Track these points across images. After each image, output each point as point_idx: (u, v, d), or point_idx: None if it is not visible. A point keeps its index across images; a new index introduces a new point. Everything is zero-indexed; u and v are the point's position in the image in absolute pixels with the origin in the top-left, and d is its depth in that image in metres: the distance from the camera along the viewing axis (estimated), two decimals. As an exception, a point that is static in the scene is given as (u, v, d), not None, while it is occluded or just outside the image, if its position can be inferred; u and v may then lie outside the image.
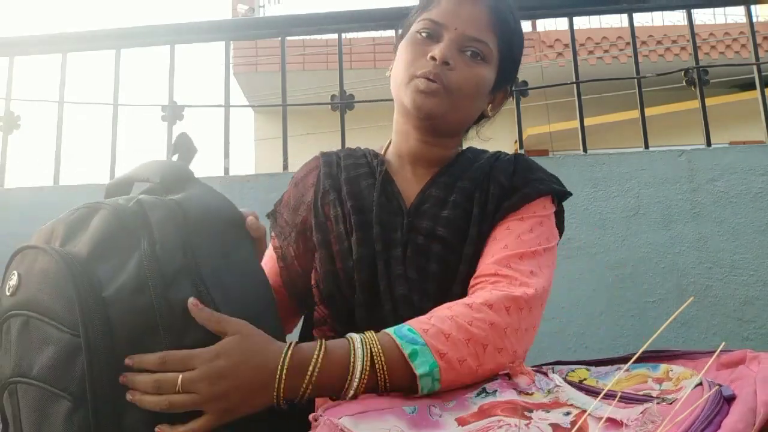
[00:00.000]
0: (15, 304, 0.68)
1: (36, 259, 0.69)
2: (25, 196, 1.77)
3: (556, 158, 1.74)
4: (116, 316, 0.62)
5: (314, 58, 6.50)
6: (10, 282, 0.70)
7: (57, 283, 0.64)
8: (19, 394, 0.65)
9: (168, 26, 1.96)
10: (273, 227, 0.99)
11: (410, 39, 0.91)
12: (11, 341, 0.68)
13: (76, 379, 0.61)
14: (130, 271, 0.64)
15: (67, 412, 0.61)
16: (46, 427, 0.62)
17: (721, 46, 6.57)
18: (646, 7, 2.00)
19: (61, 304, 0.63)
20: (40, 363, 0.63)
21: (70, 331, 0.62)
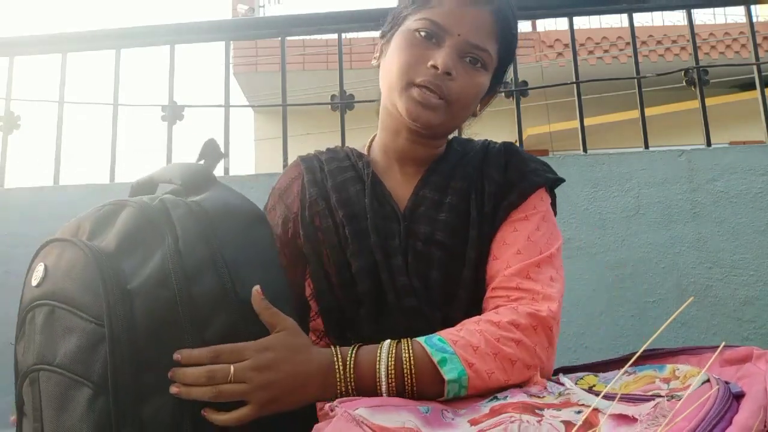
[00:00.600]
0: (41, 295, 0.70)
1: (63, 251, 0.70)
2: (25, 196, 1.77)
3: (556, 158, 1.74)
4: (139, 308, 0.64)
5: (314, 58, 6.51)
6: (36, 273, 0.72)
7: (84, 274, 0.66)
8: (41, 381, 0.67)
9: (168, 26, 1.96)
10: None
11: (407, 37, 0.85)
12: (35, 330, 0.69)
13: (98, 368, 0.62)
14: (154, 266, 0.66)
15: (89, 399, 0.62)
16: (67, 414, 0.63)
17: (721, 46, 6.58)
18: (646, 7, 2.00)
19: (87, 295, 0.65)
20: (63, 351, 0.65)
21: (94, 320, 0.64)
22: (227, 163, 1.84)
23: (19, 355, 0.73)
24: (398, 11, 0.90)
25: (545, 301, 0.79)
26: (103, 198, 1.81)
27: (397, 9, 0.91)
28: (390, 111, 0.90)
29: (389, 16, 0.93)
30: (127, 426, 0.61)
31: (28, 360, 0.70)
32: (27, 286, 0.75)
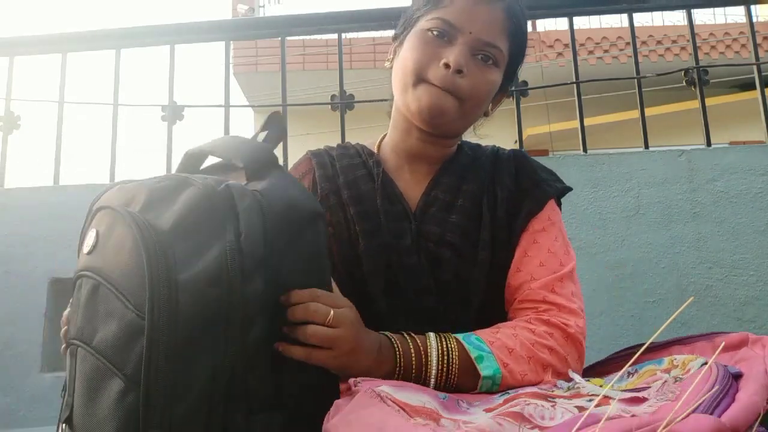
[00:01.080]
0: (89, 265, 0.66)
1: (115, 223, 0.66)
2: (25, 196, 1.78)
3: (556, 158, 1.74)
4: (185, 304, 0.59)
5: (314, 58, 6.51)
6: (88, 240, 0.68)
7: (132, 258, 0.61)
8: (78, 357, 0.65)
9: (168, 26, 1.97)
10: None
11: (419, 36, 0.85)
12: (80, 302, 0.66)
13: (133, 361, 0.59)
14: (210, 260, 0.61)
15: (120, 392, 0.59)
16: (96, 403, 0.61)
17: (721, 46, 6.58)
18: (646, 7, 2.00)
19: (133, 280, 0.61)
20: (102, 334, 0.62)
21: (136, 311, 0.60)
22: (227, 163, 1.84)
23: (70, 316, 0.70)
24: (411, 13, 0.91)
25: (571, 315, 0.82)
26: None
27: (409, 11, 0.92)
28: (402, 111, 0.90)
29: (401, 18, 0.94)
30: (154, 427, 0.58)
31: (71, 329, 0.67)
32: (80, 251, 0.70)
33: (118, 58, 1.92)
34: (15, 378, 1.62)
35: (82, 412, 0.62)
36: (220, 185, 0.65)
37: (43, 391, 1.60)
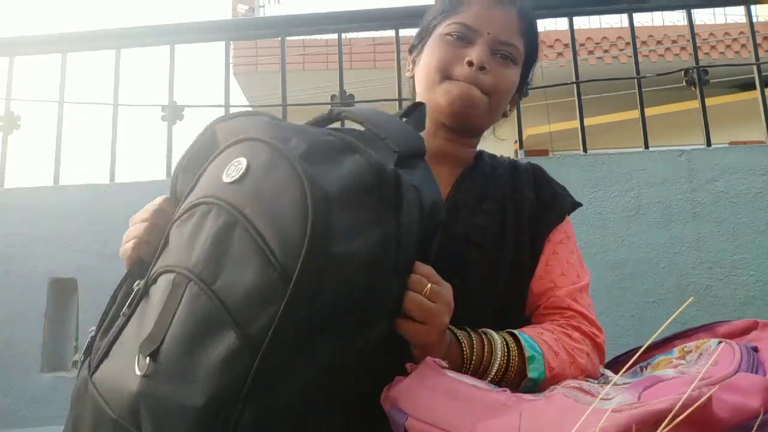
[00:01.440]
0: (228, 198, 0.58)
1: (275, 162, 0.58)
2: (25, 196, 1.78)
3: (556, 158, 1.74)
4: (332, 280, 0.54)
5: (314, 58, 6.50)
6: (233, 167, 0.59)
7: (293, 212, 0.54)
8: (187, 292, 0.56)
9: (168, 26, 1.97)
10: None
11: (440, 41, 0.90)
12: (203, 231, 0.58)
13: (260, 325, 0.52)
14: (369, 243, 0.56)
15: (233, 350, 0.52)
16: (198, 349, 0.53)
17: (721, 46, 6.57)
18: (646, 7, 2.00)
19: (286, 237, 0.54)
20: (228, 280, 0.55)
21: (280, 271, 0.53)
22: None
23: (174, 237, 0.62)
24: (426, 23, 0.95)
25: (593, 326, 0.85)
26: (103, 198, 1.82)
27: (425, 22, 0.96)
28: (428, 111, 0.92)
29: (417, 30, 0.98)
30: (256, 402, 0.52)
31: (180, 256, 0.59)
32: (212, 178, 0.61)
33: (118, 58, 1.92)
34: (15, 378, 1.62)
35: (177, 354, 0.54)
36: (387, 166, 0.60)
37: (43, 391, 1.60)
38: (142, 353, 0.56)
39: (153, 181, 1.77)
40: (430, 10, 0.95)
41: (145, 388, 0.54)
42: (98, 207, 1.73)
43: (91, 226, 1.71)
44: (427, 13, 0.96)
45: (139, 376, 0.55)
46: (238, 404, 0.52)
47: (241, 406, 0.52)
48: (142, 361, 0.55)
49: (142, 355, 0.56)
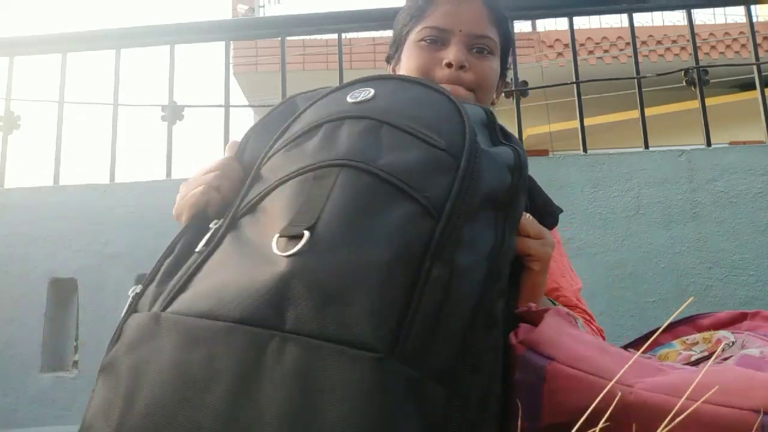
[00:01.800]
0: (360, 110, 0.61)
1: (402, 86, 0.65)
2: (25, 196, 1.78)
3: (556, 158, 1.74)
4: (486, 168, 0.58)
5: (314, 58, 6.50)
6: (355, 93, 0.64)
7: (437, 105, 0.61)
8: (340, 176, 0.55)
9: (168, 26, 1.97)
10: None
11: (415, 48, 0.90)
12: (338, 137, 0.59)
13: (437, 191, 0.55)
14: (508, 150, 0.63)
15: (412, 213, 0.53)
16: (368, 219, 0.53)
17: (721, 46, 6.57)
18: (646, 7, 2.00)
19: (437, 123, 0.59)
20: (390, 160, 0.56)
21: (443, 148, 0.57)
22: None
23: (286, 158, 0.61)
24: (398, 32, 0.95)
25: (595, 324, 0.89)
26: (103, 198, 1.82)
27: (396, 31, 0.96)
28: None
29: (391, 40, 0.98)
30: (442, 260, 0.52)
31: (306, 159, 0.58)
32: (329, 105, 0.65)
33: (118, 58, 1.92)
34: (15, 378, 1.62)
35: (342, 225, 0.52)
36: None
37: (43, 391, 1.60)
38: (286, 234, 0.52)
39: (153, 181, 1.77)
40: (399, 18, 0.95)
41: (300, 264, 0.49)
42: (98, 207, 1.73)
43: (91, 226, 1.71)
44: (396, 21, 0.96)
45: (284, 256, 0.50)
46: (425, 262, 0.51)
47: (428, 263, 0.51)
48: (284, 244, 0.51)
49: (284, 237, 0.52)
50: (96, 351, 1.63)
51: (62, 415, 1.58)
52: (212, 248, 0.59)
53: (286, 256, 0.50)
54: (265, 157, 0.64)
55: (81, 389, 1.60)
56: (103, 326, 1.65)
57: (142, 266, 1.68)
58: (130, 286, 0.63)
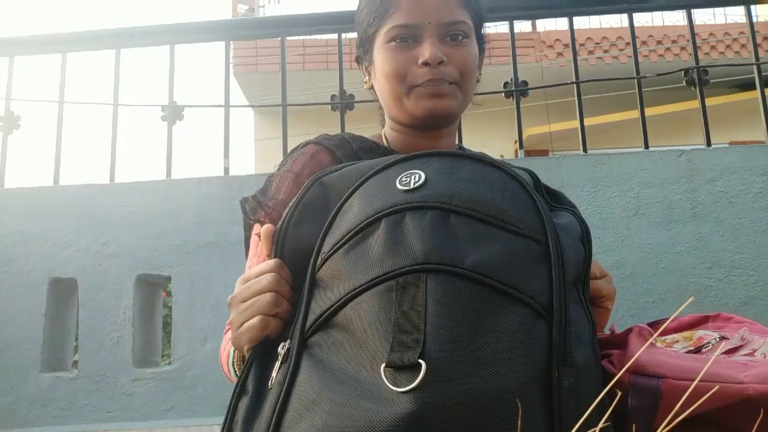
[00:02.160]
0: (418, 198, 0.56)
1: (452, 165, 0.60)
2: (25, 196, 1.77)
3: (556, 158, 1.74)
4: (567, 245, 0.57)
5: (314, 58, 6.50)
6: (406, 179, 0.59)
7: (504, 185, 0.58)
8: (429, 284, 0.50)
9: (168, 26, 1.97)
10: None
11: (386, 52, 0.84)
12: (405, 234, 0.54)
13: (539, 285, 0.52)
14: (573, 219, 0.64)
15: (524, 319, 0.50)
16: (480, 331, 0.48)
17: (721, 46, 6.57)
18: (646, 7, 2.00)
19: (512, 208, 0.56)
20: (476, 258, 0.51)
21: (527, 234, 0.54)
22: (227, 163, 1.84)
23: (349, 262, 0.56)
24: (363, 33, 0.89)
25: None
26: (103, 198, 1.82)
27: (361, 32, 0.90)
28: (402, 120, 0.89)
29: (357, 41, 0.93)
30: (566, 364, 0.49)
31: (378, 264, 0.53)
32: (382, 190, 0.59)
33: (118, 58, 1.92)
34: (15, 378, 1.62)
35: (455, 344, 0.47)
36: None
37: (43, 391, 1.60)
38: (395, 364, 0.46)
39: (153, 181, 1.77)
40: (361, 18, 0.89)
41: (425, 401, 0.44)
42: (98, 207, 1.73)
43: (91, 226, 1.71)
44: (359, 21, 0.90)
45: (403, 392, 0.45)
46: (553, 371, 0.48)
47: (556, 373, 0.49)
48: (393, 375, 0.46)
49: (391, 368, 0.47)
50: (96, 351, 1.64)
51: (62, 415, 1.58)
52: (290, 380, 0.53)
53: (407, 393, 0.44)
54: (318, 258, 0.59)
55: (81, 389, 1.60)
56: (103, 326, 1.65)
57: (142, 266, 1.68)
58: (130, 286, 0.61)
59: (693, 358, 0.60)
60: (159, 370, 1.63)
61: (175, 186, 1.76)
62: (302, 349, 0.54)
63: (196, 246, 1.68)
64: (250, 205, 0.88)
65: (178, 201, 1.73)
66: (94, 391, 1.60)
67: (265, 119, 7.26)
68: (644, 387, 0.57)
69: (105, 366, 1.62)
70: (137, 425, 1.56)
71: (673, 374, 0.57)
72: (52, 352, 1.68)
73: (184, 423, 1.55)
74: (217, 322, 1.63)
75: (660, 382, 0.57)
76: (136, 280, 1.67)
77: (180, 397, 1.58)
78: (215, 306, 1.64)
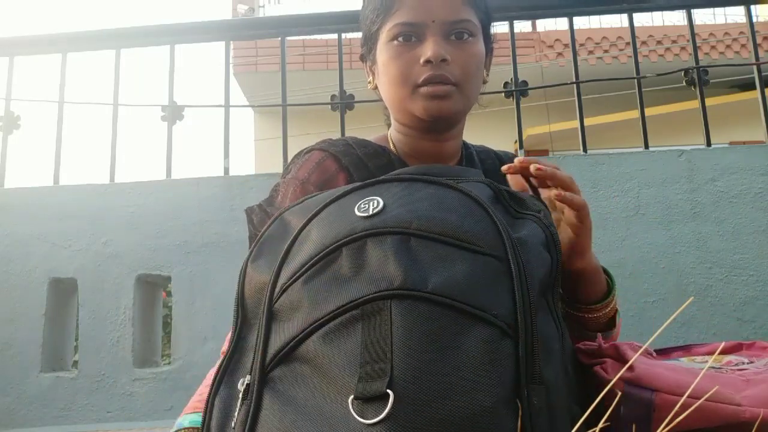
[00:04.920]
0: (378, 224, 0.56)
1: (408, 190, 0.60)
2: (25, 196, 1.78)
3: (556, 158, 1.74)
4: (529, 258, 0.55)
5: (314, 58, 6.50)
6: (364, 205, 0.59)
7: (460, 205, 0.57)
8: (394, 310, 0.50)
9: (168, 26, 1.97)
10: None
11: (389, 50, 0.83)
12: (367, 261, 0.54)
13: (505, 302, 0.51)
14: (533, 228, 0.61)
15: (487, 341, 0.49)
16: (447, 353, 0.48)
17: (721, 46, 6.57)
18: (646, 7, 2.00)
19: (470, 225, 0.55)
20: (439, 280, 0.51)
21: (488, 252, 0.53)
22: (227, 163, 1.84)
23: (309, 291, 0.55)
24: (367, 31, 0.88)
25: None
26: (103, 198, 1.82)
27: (365, 29, 0.89)
28: (406, 122, 0.88)
29: (361, 39, 0.92)
30: (535, 382, 0.49)
31: (341, 294, 0.53)
32: (340, 218, 0.59)
33: (118, 58, 1.92)
34: (15, 378, 1.62)
35: (422, 371, 0.47)
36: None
37: (43, 391, 1.60)
38: (362, 395, 0.46)
39: (153, 181, 1.77)
40: (365, 15, 0.88)
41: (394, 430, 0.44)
42: (98, 207, 1.73)
43: (91, 226, 1.71)
44: (363, 19, 0.89)
45: (372, 424, 0.45)
46: (522, 390, 0.48)
47: (525, 391, 0.48)
48: (361, 407, 0.46)
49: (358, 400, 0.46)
50: (96, 351, 1.64)
51: (62, 415, 1.58)
52: (252, 418, 0.52)
53: (374, 424, 0.44)
54: (274, 289, 0.57)
55: (81, 389, 1.60)
56: (103, 326, 1.65)
57: (142, 266, 1.68)
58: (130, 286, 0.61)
59: (691, 372, 0.59)
60: (159, 370, 1.63)
61: (175, 186, 1.76)
62: (263, 385, 0.53)
63: (196, 246, 1.68)
64: (258, 216, 0.86)
65: (178, 201, 1.73)
66: (94, 391, 1.60)
67: (265, 119, 7.27)
68: (637, 398, 0.57)
69: (105, 366, 1.62)
70: (137, 425, 1.56)
71: (667, 388, 0.56)
72: (52, 352, 1.68)
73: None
74: (217, 322, 1.63)
75: (653, 394, 0.57)
76: (136, 280, 1.67)
77: (180, 397, 1.58)
78: (215, 306, 1.64)
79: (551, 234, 0.60)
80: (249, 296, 0.61)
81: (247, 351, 0.57)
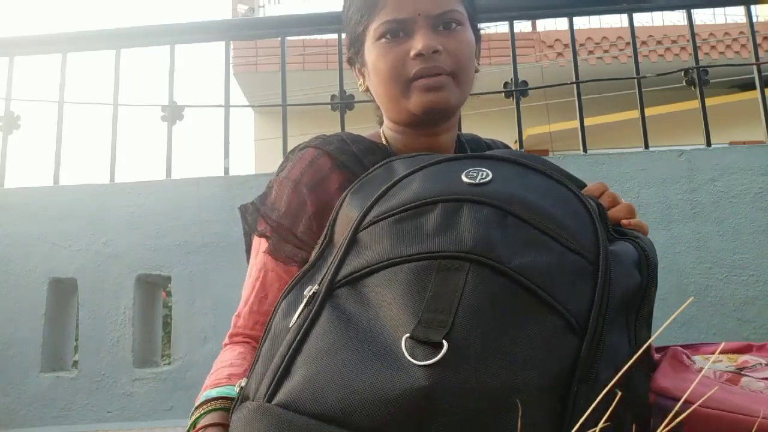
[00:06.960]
0: (481, 193, 0.57)
1: (520, 173, 0.62)
2: (25, 196, 1.78)
3: (556, 158, 1.74)
4: (616, 272, 0.55)
5: (314, 58, 6.51)
6: (473, 173, 0.60)
7: (563, 198, 0.59)
8: (471, 273, 0.51)
9: (168, 26, 1.97)
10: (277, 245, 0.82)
11: (378, 49, 0.82)
12: (458, 222, 0.55)
13: (578, 301, 0.52)
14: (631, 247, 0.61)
15: (557, 328, 0.50)
16: (510, 328, 0.49)
17: (721, 46, 6.58)
18: (646, 7, 2.00)
19: (568, 220, 0.56)
20: (524, 261, 0.52)
21: (578, 251, 0.54)
22: (227, 163, 1.84)
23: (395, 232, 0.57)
24: (353, 32, 0.86)
25: None
26: (103, 198, 1.82)
27: (350, 31, 0.88)
28: (400, 120, 0.87)
29: (347, 41, 0.91)
30: (587, 382, 0.49)
31: (424, 242, 0.54)
32: (445, 176, 0.61)
33: (118, 58, 1.92)
34: (15, 378, 1.62)
35: (483, 336, 0.48)
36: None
37: (43, 391, 1.60)
38: (418, 338, 0.47)
39: (153, 181, 1.77)
40: (348, 18, 0.87)
41: (441, 380, 0.45)
42: (98, 207, 1.73)
43: (91, 226, 1.71)
44: (347, 21, 0.88)
45: (421, 366, 0.45)
46: (573, 386, 0.48)
47: (575, 388, 0.48)
48: (413, 347, 0.47)
49: (413, 340, 0.47)
50: (96, 351, 1.64)
51: (62, 415, 1.58)
52: (310, 323, 0.53)
53: (423, 367, 0.45)
54: (363, 220, 0.60)
55: (81, 389, 1.60)
56: (103, 326, 1.65)
57: (142, 266, 1.68)
58: (130, 286, 0.62)
59: (727, 390, 0.56)
60: (159, 370, 1.63)
61: (175, 186, 1.76)
62: (328, 297, 0.55)
63: (196, 246, 1.68)
64: (251, 215, 0.87)
65: (178, 201, 1.73)
66: (94, 391, 1.60)
67: (265, 119, 7.27)
68: (667, 410, 0.55)
69: (105, 366, 1.62)
70: (137, 425, 1.56)
71: (696, 401, 0.54)
72: (52, 352, 1.68)
73: (184, 423, 1.55)
74: (217, 322, 1.63)
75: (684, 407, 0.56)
76: (136, 280, 1.67)
77: (180, 397, 1.58)
78: (215, 306, 1.64)
79: (647, 257, 0.60)
80: (340, 223, 0.64)
81: (322, 268, 0.60)
